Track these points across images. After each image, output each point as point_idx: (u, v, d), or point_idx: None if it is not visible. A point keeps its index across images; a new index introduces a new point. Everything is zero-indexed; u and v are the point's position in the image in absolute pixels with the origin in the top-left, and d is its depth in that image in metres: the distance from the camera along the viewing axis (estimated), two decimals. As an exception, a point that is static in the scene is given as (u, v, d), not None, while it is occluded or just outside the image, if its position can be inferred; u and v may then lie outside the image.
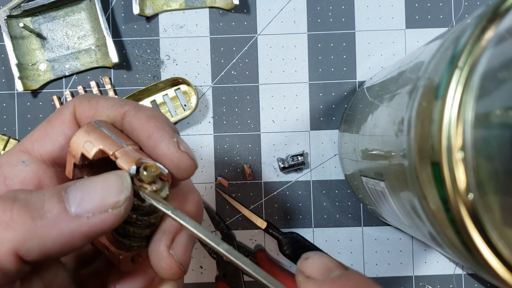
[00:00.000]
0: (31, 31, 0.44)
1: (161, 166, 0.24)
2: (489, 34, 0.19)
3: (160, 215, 0.24)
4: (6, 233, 0.20)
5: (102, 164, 0.24)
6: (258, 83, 0.46)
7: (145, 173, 0.23)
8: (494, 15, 0.19)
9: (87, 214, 0.21)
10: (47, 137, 0.25)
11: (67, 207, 0.21)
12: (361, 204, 0.46)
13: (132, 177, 0.23)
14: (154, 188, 0.23)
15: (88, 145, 0.23)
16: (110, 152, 0.23)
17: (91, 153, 0.23)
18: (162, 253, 0.24)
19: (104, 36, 0.44)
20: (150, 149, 0.24)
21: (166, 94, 0.45)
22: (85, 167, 0.25)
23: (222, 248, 0.21)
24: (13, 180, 0.24)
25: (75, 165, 0.24)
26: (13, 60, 0.43)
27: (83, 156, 0.24)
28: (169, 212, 0.22)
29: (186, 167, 0.24)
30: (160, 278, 0.27)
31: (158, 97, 0.45)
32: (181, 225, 0.22)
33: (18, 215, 0.20)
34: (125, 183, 0.22)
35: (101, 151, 0.23)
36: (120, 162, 0.23)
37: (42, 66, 0.45)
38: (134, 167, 0.23)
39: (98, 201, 0.21)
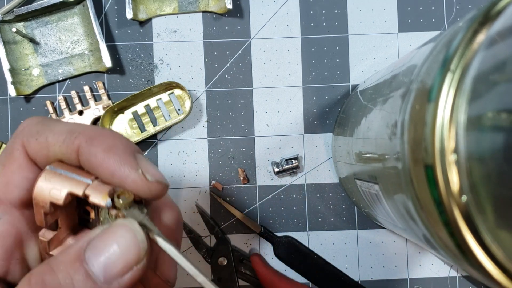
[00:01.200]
0: (24, 36, 0.44)
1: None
2: (481, 37, 0.19)
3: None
4: None
5: (70, 202, 0.24)
6: (252, 87, 0.46)
7: (120, 201, 0.23)
8: (485, 19, 0.19)
9: (116, 279, 0.21)
10: (9, 184, 0.24)
11: (96, 281, 0.21)
12: (356, 207, 0.46)
13: (108, 209, 0.23)
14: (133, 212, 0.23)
15: (55, 192, 0.23)
16: (80, 193, 0.23)
17: (60, 200, 0.23)
18: (149, 277, 0.24)
19: (98, 40, 0.44)
20: (118, 185, 0.23)
21: (160, 99, 0.45)
22: (54, 211, 0.24)
23: (200, 280, 0.22)
24: None
25: (45, 214, 0.24)
26: (5, 65, 0.43)
27: (52, 204, 0.23)
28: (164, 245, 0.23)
29: (158, 192, 0.24)
30: None
31: (152, 102, 0.45)
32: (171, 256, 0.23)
33: None
34: (139, 236, 0.22)
35: (70, 194, 0.23)
36: (93, 200, 0.23)
37: (35, 71, 0.45)
38: (109, 200, 0.23)
39: (122, 264, 0.21)
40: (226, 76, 0.46)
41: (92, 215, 0.26)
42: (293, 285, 0.43)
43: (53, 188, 0.23)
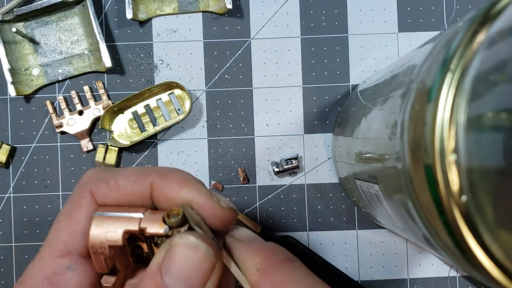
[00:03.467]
0: (24, 36, 0.44)
1: (181, 206, 0.24)
2: (481, 37, 0.19)
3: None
4: None
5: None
6: (252, 87, 0.46)
7: (172, 220, 0.23)
8: (485, 19, 0.19)
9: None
10: (77, 233, 0.25)
11: None
12: (356, 207, 0.46)
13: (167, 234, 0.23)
14: (186, 227, 0.24)
15: (111, 235, 0.24)
16: (136, 228, 0.23)
17: (118, 240, 0.23)
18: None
19: (97, 40, 0.44)
20: (194, 214, 0.24)
21: (160, 99, 0.45)
22: (113, 255, 0.25)
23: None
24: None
25: (105, 259, 0.24)
26: (5, 65, 0.43)
27: (111, 247, 0.24)
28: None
29: (231, 218, 0.25)
30: None
31: (152, 102, 0.45)
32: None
33: None
34: (202, 247, 0.22)
35: (126, 233, 0.23)
36: (151, 231, 0.23)
37: (35, 71, 0.45)
38: (167, 227, 0.23)
39: (201, 276, 0.22)
40: (226, 76, 0.46)
41: (145, 247, 0.26)
42: None
43: (108, 231, 0.23)
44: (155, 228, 0.23)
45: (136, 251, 0.26)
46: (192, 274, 0.22)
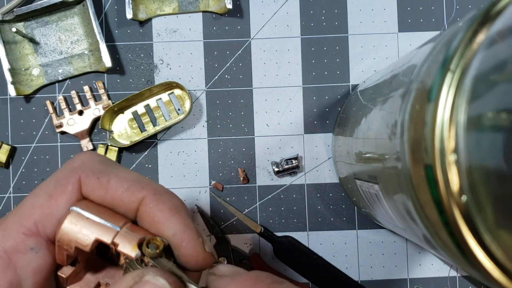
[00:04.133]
0: (24, 36, 0.44)
1: (162, 239, 0.23)
2: (481, 37, 0.19)
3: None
4: None
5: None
6: (252, 87, 0.46)
7: (149, 250, 0.22)
8: (485, 19, 0.19)
9: None
10: (51, 217, 0.23)
11: None
12: (356, 207, 0.46)
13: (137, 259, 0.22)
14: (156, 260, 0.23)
15: (82, 238, 0.23)
16: (108, 241, 0.22)
17: (87, 246, 0.22)
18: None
19: (97, 40, 0.44)
20: (174, 246, 0.23)
21: (160, 99, 0.45)
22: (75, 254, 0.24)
23: None
24: (25, 270, 0.23)
25: (67, 256, 0.23)
26: (5, 65, 0.43)
27: (77, 248, 0.23)
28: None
29: (208, 264, 0.24)
30: None
31: (152, 102, 0.45)
32: None
33: None
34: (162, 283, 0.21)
35: (96, 241, 0.23)
36: (122, 250, 0.22)
37: (35, 71, 0.45)
38: (139, 252, 0.22)
39: None
40: (226, 76, 0.46)
41: (112, 249, 0.25)
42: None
43: (79, 233, 0.23)
44: (127, 249, 0.22)
45: (102, 247, 0.25)
46: None
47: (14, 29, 0.42)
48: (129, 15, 0.44)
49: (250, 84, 0.46)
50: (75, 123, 0.45)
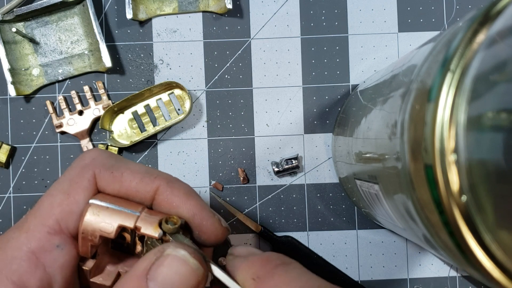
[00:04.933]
0: (24, 36, 0.44)
1: (179, 217, 0.25)
2: (481, 37, 0.19)
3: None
4: None
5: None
6: (252, 87, 0.46)
7: (169, 226, 0.24)
8: (485, 18, 0.19)
9: None
10: (74, 214, 0.25)
11: None
12: (356, 207, 0.46)
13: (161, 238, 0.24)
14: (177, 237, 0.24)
15: (105, 226, 0.24)
16: (131, 226, 0.24)
17: (112, 233, 0.24)
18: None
19: (97, 40, 0.44)
20: (194, 225, 0.25)
21: (160, 99, 0.45)
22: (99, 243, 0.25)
23: None
24: (53, 267, 0.24)
25: (92, 246, 0.25)
26: (5, 65, 0.43)
27: (101, 237, 0.24)
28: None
29: (225, 236, 0.27)
30: None
31: (152, 102, 0.45)
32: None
33: None
34: (193, 265, 0.23)
35: (120, 227, 0.24)
36: (145, 232, 0.24)
37: (35, 71, 0.45)
38: (161, 232, 0.24)
39: None
40: (226, 76, 0.46)
41: (128, 238, 0.26)
42: None
43: (102, 222, 0.24)
44: (150, 230, 0.24)
45: (117, 239, 0.27)
46: (177, 287, 0.22)
47: (14, 29, 0.42)
48: (129, 15, 0.44)
49: (250, 84, 0.46)
50: (75, 123, 0.45)
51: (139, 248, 0.26)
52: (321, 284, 0.23)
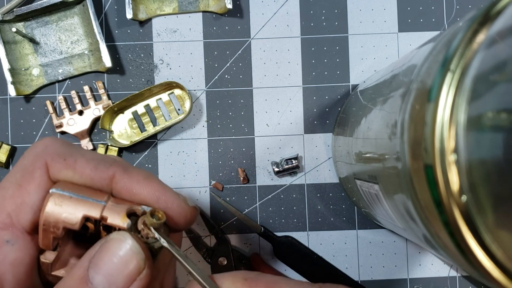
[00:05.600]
0: (24, 36, 0.44)
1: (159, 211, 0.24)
2: (481, 37, 0.19)
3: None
4: None
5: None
6: (252, 87, 0.46)
7: (154, 220, 0.23)
8: (485, 18, 0.19)
9: None
10: (24, 205, 0.23)
11: None
12: (356, 207, 0.46)
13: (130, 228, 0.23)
14: (161, 231, 0.23)
15: (69, 217, 0.23)
16: (97, 216, 0.23)
17: (76, 224, 0.22)
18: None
19: (97, 40, 0.44)
20: (160, 209, 0.24)
21: (160, 99, 0.45)
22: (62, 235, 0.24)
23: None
24: (3, 264, 0.23)
25: (54, 238, 0.23)
26: (5, 65, 0.43)
27: (64, 228, 0.23)
28: (176, 255, 0.23)
29: (194, 216, 0.25)
30: None
31: (152, 102, 0.45)
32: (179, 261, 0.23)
33: None
34: (134, 248, 0.22)
35: (84, 218, 0.23)
36: (113, 222, 0.23)
37: (35, 71, 0.45)
38: (129, 222, 0.23)
39: (124, 277, 0.21)
40: (226, 76, 0.46)
41: (91, 228, 0.25)
42: None
43: (65, 213, 0.22)
44: (117, 220, 0.23)
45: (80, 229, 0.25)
46: (116, 272, 0.21)
47: (14, 29, 0.42)
48: (129, 15, 0.44)
49: (250, 84, 0.46)
50: (75, 123, 0.45)
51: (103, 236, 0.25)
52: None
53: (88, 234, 0.25)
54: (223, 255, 0.45)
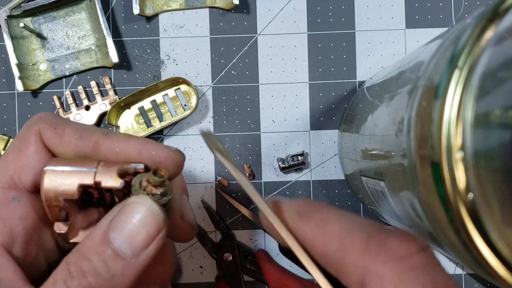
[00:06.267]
0: (32, 31, 0.44)
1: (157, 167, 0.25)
2: (489, 33, 0.19)
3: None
4: None
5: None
6: (258, 83, 0.46)
7: (156, 178, 0.23)
8: (494, 15, 0.19)
9: (142, 251, 0.23)
10: (26, 167, 0.25)
11: (125, 257, 0.22)
12: (361, 204, 0.46)
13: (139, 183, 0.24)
14: (163, 190, 0.24)
15: (66, 189, 0.24)
16: (91, 182, 0.24)
17: (74, 194, 0.24)
18: (179, 223, 0.27)
19: (104, 36, 0.44)
20: (147, 160, 0.25)
21: (166, 94, 0.45)
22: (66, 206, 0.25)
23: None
24: (12, 219, 0.25)
25: (59, 210, 0.25)
26: (13, 60, 0.43)
27: (66, 200, 0.24)
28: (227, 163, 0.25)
29: (182, 161, 0.26)
30: None
31: (158, 97, 0.45)
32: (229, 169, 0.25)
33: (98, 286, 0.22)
34: (154, 209, 0.23)
35: (81, 187, 0.24)
36: (107, 185, 0.24)
37: (43, 66, 0.45)
38: (122, 181, 0.24)
39: (144, 237, 0.23)
40: (233, 72, 0.46)
41: (95, 194, 0.27)
42: (298, 281, 0.43)
43: (62, 186, 0.24)
44: (110, 182, 0.24)
45: (84, 196, 0.26)
46: (136, 232, 0.23)
47: (21, 24, 0.43)
48: (136, 10, 0.44)
49: (257, 80, 0.46)
50: (81, 118, 0.45)
51: (109, 199, 0.27)
52: (368, 222, 0.23)
53: (94, 200, 0.27)
54: (229, 250, 0.45)
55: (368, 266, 0.19)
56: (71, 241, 0.26)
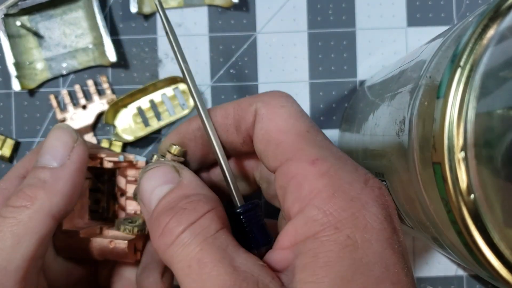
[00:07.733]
0: (28, 29, 0.44)
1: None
2: (491, 32, 0.19)
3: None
4: (46, 199, 0.26)
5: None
6: (257, 82, 0.46)
7: (177, 148, 0.29)
8: (496, 14, 0.19)
9: (65, 159, 0.27)
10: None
11: (52, 166, 0.27)
12: (361, 204, 0.45)
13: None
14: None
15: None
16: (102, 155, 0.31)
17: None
18: (157, 279, 0.30)
19: (102, 34, 0.43)
20: None
21: (164, 93, 0.45)
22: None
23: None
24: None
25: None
26: (10, 59, 0.43)
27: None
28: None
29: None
30: None
31: (156, 96, 0.45)
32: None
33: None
34: (62, 125, 0.29)
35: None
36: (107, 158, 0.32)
37: (39, 65, 0.45)
38: (121, 157, 0.31)
39: (63, 146, 0.28)
40: (232, 70, 0.46)
41: (103, 202, 0.33)
42: None
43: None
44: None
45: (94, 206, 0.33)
46: (54, 144, 0.28)
47: (18, 23, 0.42)
48: (133, 9, 0.44)
49: (256, 79, 0.46)
50: (79, 118, 0.44)
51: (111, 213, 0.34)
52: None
53: (100, 210, 0.34)
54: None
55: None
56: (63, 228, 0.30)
